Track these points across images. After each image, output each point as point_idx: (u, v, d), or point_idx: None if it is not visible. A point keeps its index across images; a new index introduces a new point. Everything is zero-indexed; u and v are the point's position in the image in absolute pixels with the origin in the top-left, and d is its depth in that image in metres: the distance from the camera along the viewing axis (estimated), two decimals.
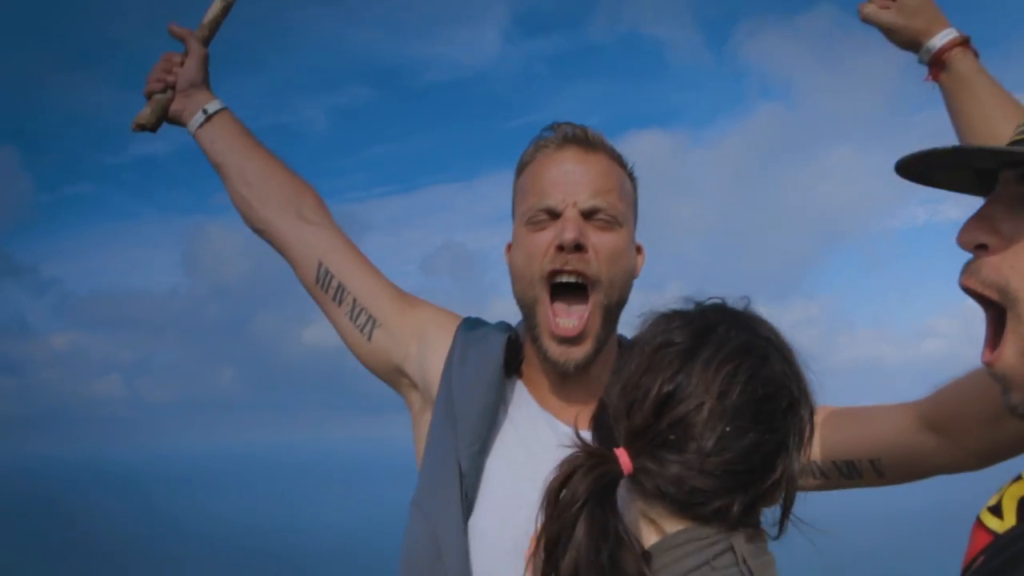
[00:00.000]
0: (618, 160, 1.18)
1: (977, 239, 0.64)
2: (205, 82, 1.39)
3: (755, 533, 0.78)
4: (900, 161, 0.67)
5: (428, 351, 1.23)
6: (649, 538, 0.78)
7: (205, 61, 1.39)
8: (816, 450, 1.11)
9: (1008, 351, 0.62)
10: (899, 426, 1.09)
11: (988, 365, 0.64)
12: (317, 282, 1.26)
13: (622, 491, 0.78)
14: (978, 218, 0.65)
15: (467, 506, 1.10)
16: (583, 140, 1.15)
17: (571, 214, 1.09)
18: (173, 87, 1.38)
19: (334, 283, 1.24)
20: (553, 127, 1.16)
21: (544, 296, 1.11)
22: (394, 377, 1.27)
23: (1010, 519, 0.63)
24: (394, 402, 1.31)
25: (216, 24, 1.43)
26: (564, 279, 1.10)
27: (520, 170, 1.20)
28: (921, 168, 0.68)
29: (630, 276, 1.16)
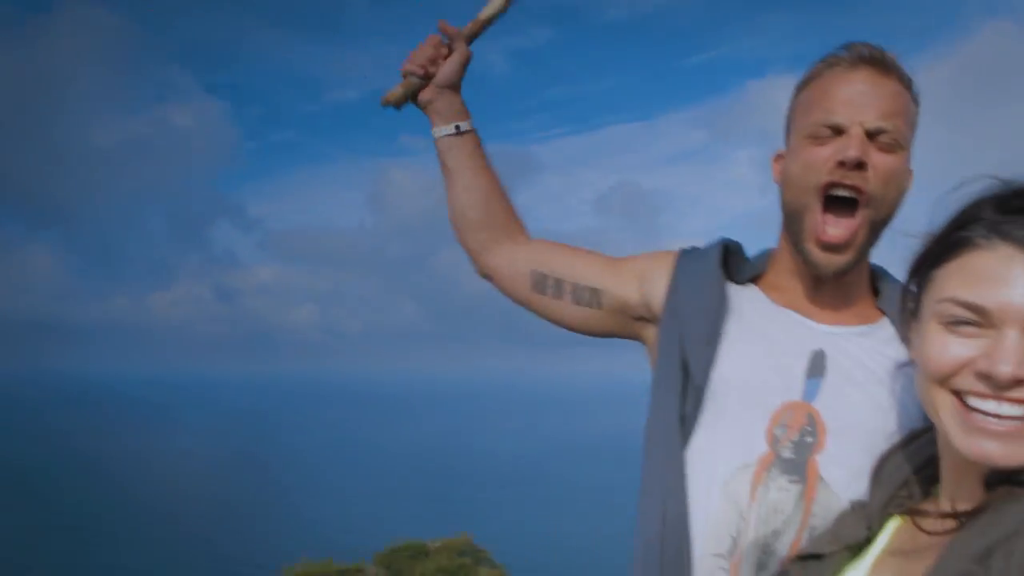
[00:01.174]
0: (908, 85, 1.17)
1: None
2: (459, 85, 1.45)
3: None
4: None
5: (651, 286, 1.29)
6: None
7: (467, 63, 1.44)
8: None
9: None
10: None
11: None
12: (535, 289, 1.36)
13: None
14: None
15: (695, 400, 1.17)
16: (878, 61, 1.14)
17: (856, 131, 1.11)
18: (430, 78, 1.42)
19: (550, 281, 1.35)
20: (847, 46, 1.17)
21: (816, 205, 1.15)
22: (634, 329, 1.33)
23: None
24: (566, 338, 1.49)
25: (488, 24, 1.45)
26: (839, 192, 1.13)
27: (804, 84, 1.20)
28: None
29: (901, 198, 1.17)
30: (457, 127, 1.41)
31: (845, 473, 1.08)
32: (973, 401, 0.80)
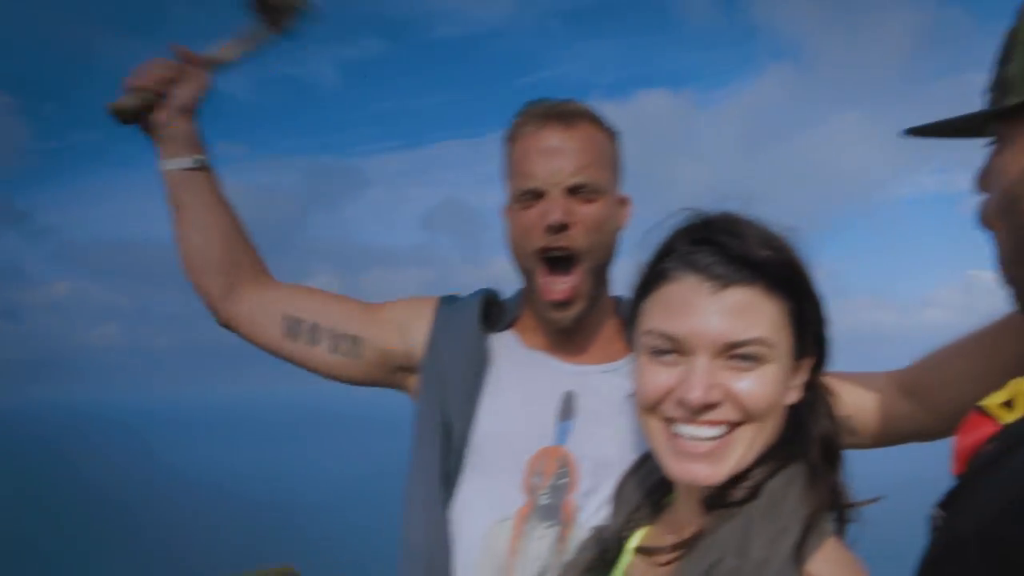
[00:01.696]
0: (599, 124, 1.22)
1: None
2: (195, 114, 1.34)
3: None
4: (911, 129, 0.79)
5: (412, 335, 1.28)
6: None
7: (205, 92, 1.33)
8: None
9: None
10: (875, 387, 1.15)
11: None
12: (287, 335, 1.29)
13: None
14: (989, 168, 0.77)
15: (457, 457, 1.19)
16: (563, 115, 1.19)
17: (555, 194, 1.16)
18: (163, 97, 1.30)
19: (305, 327, 1.28)
20: (533, 103, 1.22)
21: (537, 267, 1.20)
22: (395, 379, 1.32)
23: (1021, 409, 0.66)
24: None
25: (229, 63, 1.36)
26: (554, 254, 1.18)
27: (506, 142, 1.25)
28: (928, 132, 0.79)
29: (615, 237, 1.23)
30: (197, 160, 1.31)
31: (598, 509, 1.11)
32: (677, 427, 0.83)
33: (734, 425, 0.82)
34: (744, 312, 0.81)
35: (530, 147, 1.19)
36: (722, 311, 0.81)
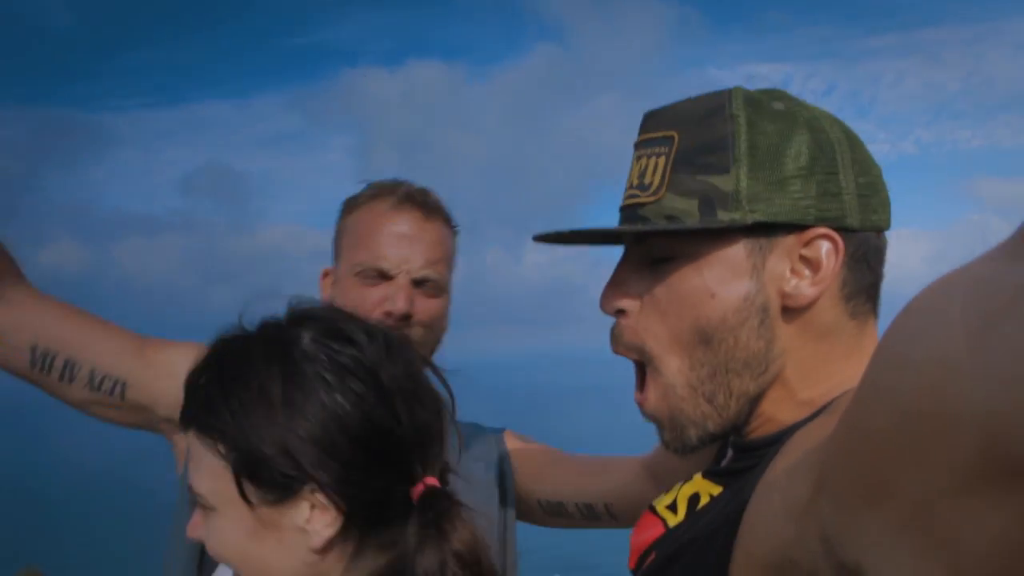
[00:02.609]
0: (449, 222, 1.22)
1: (616, 305, 0.70)
2: None
3: None
4: (536, 237, 0.74)
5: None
6: None
7: None
8: (564, 491, 1.21)
9: (651, 396, 0.69)
10: (628, 475, 1.16)
11: (639, 406, 0.71)
12: (34, 367, 1.07)
13: None
14: (612, 284, 0.71)
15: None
16: (423, 204, 1.18)
17: (403, 281, 1.14)
18: None
19: (58, 362, 1.07)
20: (395, 183, 1.19)
21: None
22: (159, 428, 1.17)
23: (682, 514, 0.69)
24: (149, 329, 1.23)
25: None
26: None
27: (352, 208, 1.20)
28: (556, 238, 0.74)
29: (442, 334, 1.22)
30: None
31: None
32: None
33: None
34: (191, 462, 0.70)
35: (383, 226, 1.15)
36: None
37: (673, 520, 0.70)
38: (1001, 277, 0.30)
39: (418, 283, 1.15)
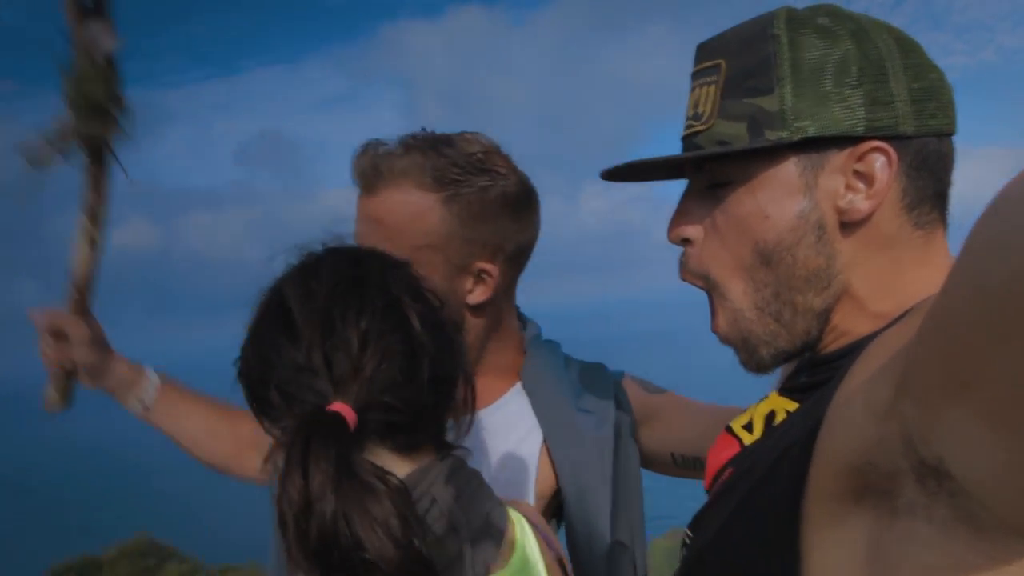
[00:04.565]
0: (422, 181, 0.95)
1: (681, 235, 0.71)
2: (109, 350, 1.15)
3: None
4: (602, 173, 0.74)
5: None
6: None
7: (100, 336, 1.13)
8: (701, 444, 1.05)
9: (721, 321, 0.70)
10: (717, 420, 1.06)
11: (714, 333, 0.72)
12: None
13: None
14: (677, 214, 0.72)
15: None
16: (367, 181, 0.97)
17: None
18: (72, 370, 1.14)
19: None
20: (360, 151, 0.98)
21: None
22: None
23: (758, 432, 0.70)
24: (222, 305, 1.18)
25: (90, 281, 1.09)
26: None
27: None
28: (622, 175, 0.75)
29: (458, 313, 0.99)
30: (142, 400, 1.18)
31: None
32: None
33: None
34: None
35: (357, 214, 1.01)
36: None
37: (749, 439, 0.70)
38: None
39: None
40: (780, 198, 0.65)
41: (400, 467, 0.69)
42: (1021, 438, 0.34)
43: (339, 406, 0.65)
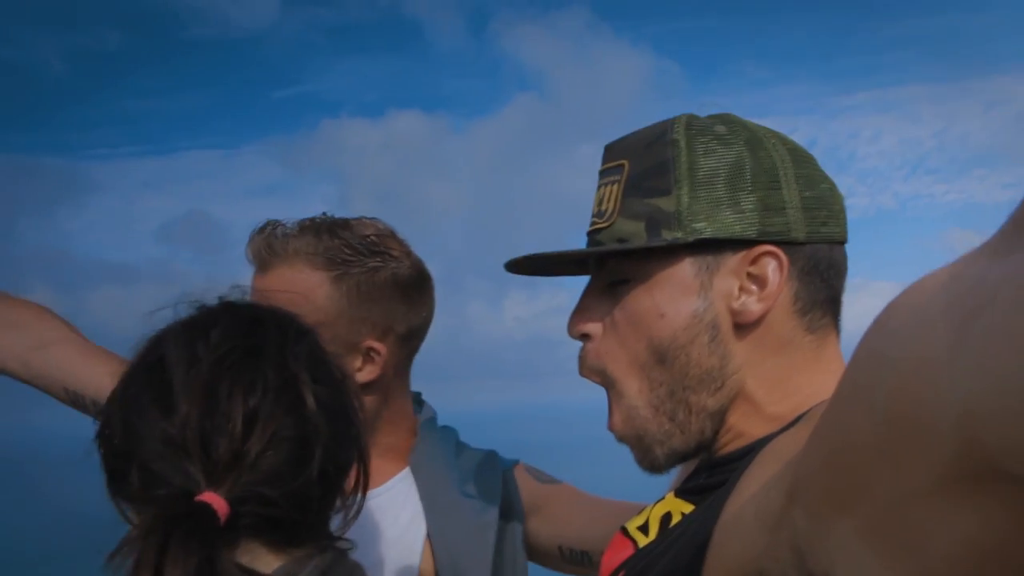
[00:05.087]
0: (313, 260, 0.99)
1: (580, 330, 0.71)
2: None
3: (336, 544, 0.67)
4: (507, 264, 0.74)
5: None
6: None
7: None
8: (591, 539, 1.04)
9: (617, 419, 0.69)
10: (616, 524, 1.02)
11: (611, 431, 0.71)
12: (71, 404, 1.15)
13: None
14: (577, 311, 0.72)
15: None
16: (261, 259, 1.01)
17: None
18: None
19: (87, 401, 1.12)
20: (256, 232, 1.02)
21: None
22: None
23: (653, 534, 0.69)
24: None
25: None
26: None
27: None
28: (526, 268, 0.75)
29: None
30: None
31: None
32: None
33: None
34: None
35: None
36: None
37: (644, 540, 0.70)
38: (981, 274, 0.29)
39: None
40: (676, 297, 0.66)
41: (273, 563, 0.62)
42: (901, 562, 0.33)
43: (210, 496, 0.56)
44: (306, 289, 0.98)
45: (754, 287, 0.64)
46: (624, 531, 0.72)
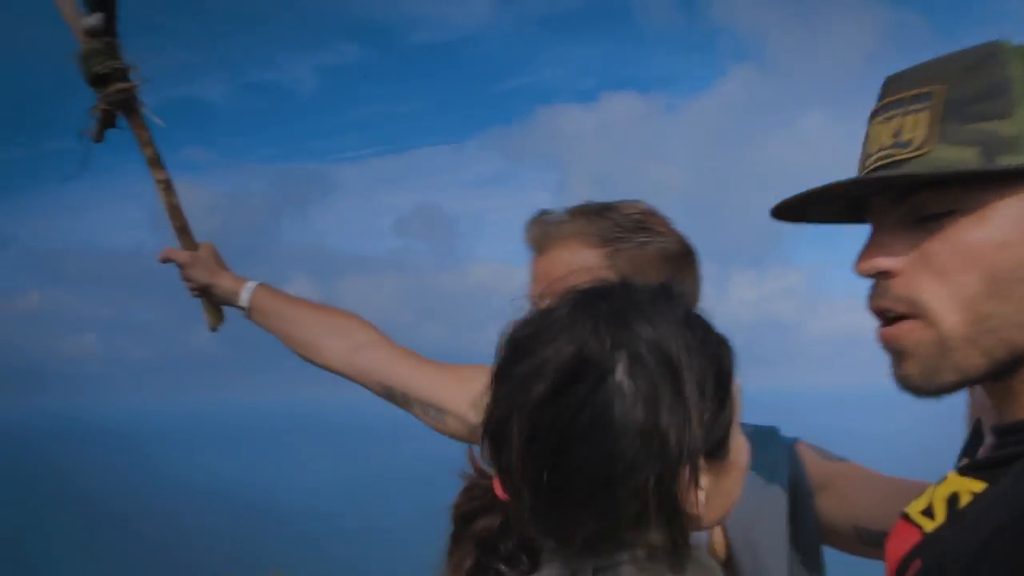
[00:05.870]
0: (588, 240, 1.06)
1: (877, 266, 0.67)
2: (223, 268, 1.43)
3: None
4: (777, 207, 0.70)
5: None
6: None
7: (212, 257, 1.43)
8: (859, 512, 1.03)
9: (916, 334, 0.65)
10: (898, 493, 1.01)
11: (885, 340, 0.68)
12: (387, 398, 1.33)
13: None
14: (872, 246, 0.68)
15: None
16: (539, 244, 1.09)
17: None
18: (203, 289, 1.43)
19: (398, 394, 1.30)
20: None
21: None
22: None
23: (940, 518, 0.65)
24: None
25: (180, 216, 1.41)
26: None
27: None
28: (796, 207, 0.70)
29: None
30: (241, 306, 1.41)
31: None
32: None
33: None
34: None
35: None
36: None
37: (931, 525, 0.66)
38: None
39: None
40: (1019, 226, 0.61)
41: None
42: None
43: None
44: (584, 266, 1.03)
45: None
46: (905, 517, 0.69)
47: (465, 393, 1.18)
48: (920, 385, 0.65)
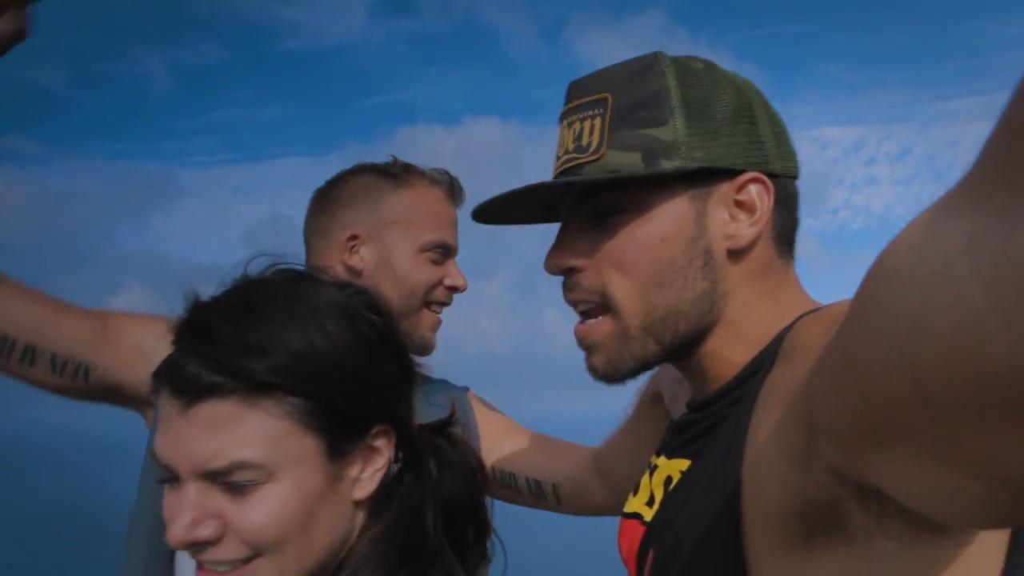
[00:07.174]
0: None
1: (563, 263, 0.72)
2: None
3: None
4: (476, 209, 0.75)
5: (153, 362, 0.85)
6: None
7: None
8: (518, 464, 1.22)
9: (603, 328, 0.71)
10: (580, 462, 1.20)
11: (580, 336, 0.73)
12: None
13: None
14: (558, 245, 0.73)
15: None
16: (459, 195, 1.30)
17: (454, 262, 1.27)
18: None
19: (19, 346, 1.02)
20: (438, 172, 1.28)
21: (420, 310, 1.24)
22: (128, 404, 1.12)
23: (660, 501, 0.71)
24: None
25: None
26: (435, 308, 1.25)
27: (401, 185, 1.25)
28: (493, 212, 0.75)
29: None
30: None
31: None
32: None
33: (247, 560, 0.64)
34: (218, 431, 0.63)
35: (442, 205, 1.26)
36: (193, 433, 0.63)
37: (650, 513, 0.71)
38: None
39: None
40: (675, 223, 0.67)
41: None
42: (964, 469, 0.31)
43: None
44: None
45: (743, 214, 0.67)
46: (625, 515, 0.76)
47: (123, 345, 1.08)
48: (608, 374, 0.71)
